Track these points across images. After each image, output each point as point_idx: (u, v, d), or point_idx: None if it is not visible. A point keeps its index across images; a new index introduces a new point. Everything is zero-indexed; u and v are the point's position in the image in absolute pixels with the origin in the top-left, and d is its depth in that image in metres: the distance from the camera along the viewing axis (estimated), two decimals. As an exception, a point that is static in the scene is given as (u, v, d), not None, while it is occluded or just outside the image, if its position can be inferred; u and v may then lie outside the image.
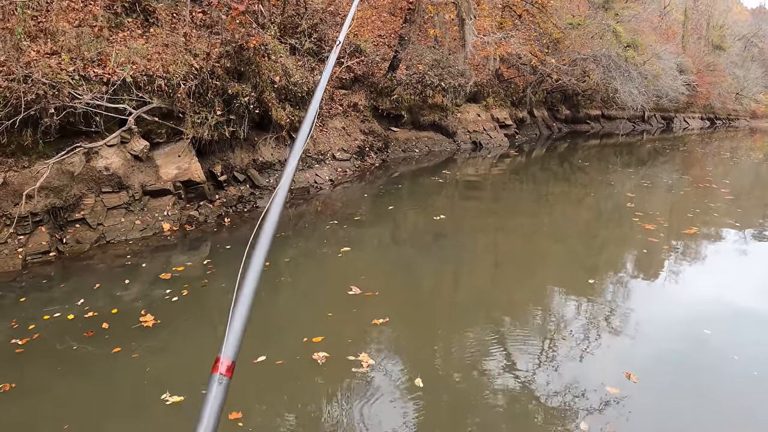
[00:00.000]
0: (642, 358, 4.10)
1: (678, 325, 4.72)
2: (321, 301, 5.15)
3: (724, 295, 5.44)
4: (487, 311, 5.07)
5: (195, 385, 3.47)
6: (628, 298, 5.46)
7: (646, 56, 23.54)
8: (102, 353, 4.02)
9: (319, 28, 12.83)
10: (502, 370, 3.91)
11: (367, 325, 4.48)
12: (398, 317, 4.70)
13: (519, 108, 22.54)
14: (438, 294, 5.72)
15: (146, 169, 7.29)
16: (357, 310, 4.80)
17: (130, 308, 4.78)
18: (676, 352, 4.21)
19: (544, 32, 20.20)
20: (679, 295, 5.65)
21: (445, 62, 15.21)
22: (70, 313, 4.74)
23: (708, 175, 14.34)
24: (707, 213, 9.24)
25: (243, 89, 7.81)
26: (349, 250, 6.54)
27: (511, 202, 10.61)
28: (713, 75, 37.16)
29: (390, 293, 5.36)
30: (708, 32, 42.25)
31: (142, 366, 3.80)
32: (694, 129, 37.04)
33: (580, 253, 7.08)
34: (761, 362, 4.02)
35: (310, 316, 4.77)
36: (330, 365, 3.83)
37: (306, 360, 3.89)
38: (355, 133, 13.34)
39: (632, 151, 20.98)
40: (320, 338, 4.17)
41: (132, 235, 6.83)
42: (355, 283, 5.29)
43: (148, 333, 4.32)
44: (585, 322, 4.76)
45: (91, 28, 7.01)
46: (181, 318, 4.64)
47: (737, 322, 4.79)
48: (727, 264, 6.60)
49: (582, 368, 3.92)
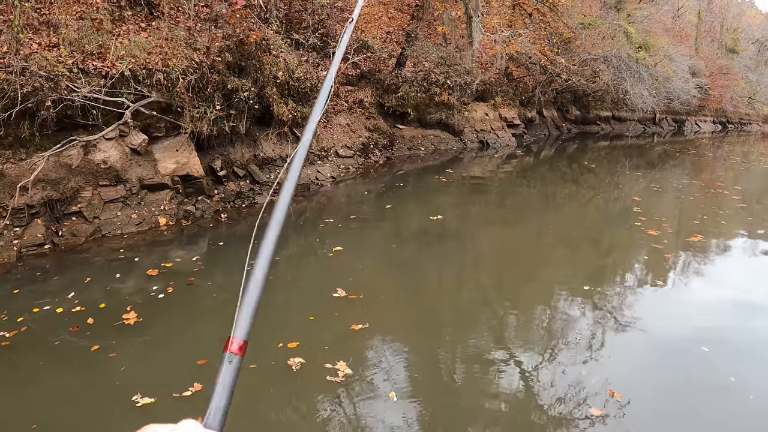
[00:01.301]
0: (630, 375, 3.89)
1: (674, 341, 4.47)
2: (304, 304, 5.02)
3: (726, 310, 5.21)
4: (472, 322, 4.85)
5: (167, 387, 3.43)
6: (624, 309, 5.20)
7: (658, 58, 23.23)
8: (82, 351, 3.98)
9: (326, 23, 12.74)
10: (481, 390, 3.70)
11: (346, 331, 4.34)
12: (378, 324, 4.54)
13: (528, 108, 22.32)
14: (424, 300, 5.48)
15: (144, 163, 7.23)
16: (339, 314, 4.67)
17: (116, 304, 4.73)
18: (669, 370, 3.98)
19: (555, 31, 19.96)
20: (677, 307, 5.39)
21: (451, 60, 15.06)
22: (60, 306, 4.73)
23: (718, 180, 14.05)
24: (715, 220, 9.00)
25: (243, 84, 7.73)
26: (342, 250, 6.44)
27: (513, 205, 10.44)
28: (726, 78, 36.67)
29: (375, 297, 5.21)
30: (721, 35, 41.71)
31: (117, 366, 3.75)
32: (706, 132, 36.58)
33: (579, 258, 6.92)
34: (758, 388, 3.74)
35: (291, 320, 4.64)
36: (304, 372, 3.72)
37: (280, 366, 3.77)
38: (359, 130, 13.23)
39: (642, 154, 20.74)
40: (296, 343, 4.03)
41: (128, 229, 6.77)
42: (342, 285, 5.17)
43: (128, 331, 4.27)
44: (574, 334, 4.55)
45: (92, 21, 6.94)
46: (162, 317, 4.58)
47: (737, 340, 4.55)
48: (731, 276, 6.34)
49: (566, 384, 3.72)
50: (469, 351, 4.25)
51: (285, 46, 8.70)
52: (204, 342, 4.17)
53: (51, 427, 3.22)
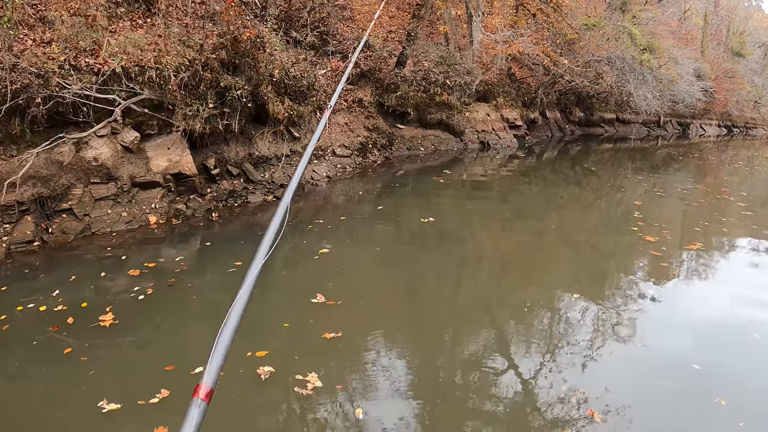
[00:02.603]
0: (615, 394, 3.69)
1: (664, 358, 4.25)
2: (281, 310, 4.84)
3: (721, 324, 4.96)
4: (452, 334, 4.65)
5: (134, 393, 3.37)
6: (609, 324, 4.91)
7: (663, 60, 23.04)
8: (55, 352, 3.93)
9: (326, 21, 12.66)
10: (453, 409, 3.55)
11: (318, 340, 4.17)
12: (352, 333, 4.37)
13: (530, 109, 22.19)
14: (405, 307, 5.27)
15: (136, 160, 7.17)
16: (314, 321, 4.53)
17: (98, 303, 4.68)
18: (656, 390, 3.76)
19: (559, 32, 19.80)
20: (668, 320, 5.08)
21: (451, 59, 14.94)
22: (44, 304, 4.70)
23: (722, 185, 13.85)
24: (717, 227, 8.73)
25: (236, 82, 7.65)
26: (328, 252, 6.33)
27: (509, 209, 10.28)
28: (731, 82, 36.39)
29: (353, 303, 5.03)
30: (728, 38, 41.41)
31: (87, 369, 3.69)
32: (711, 136, 36.33)
33: (570, 265, 6.71)
34: (749, 413, 3.55)
35: (265, 326, 4.47)
36: (272, 383, 3.60)
37: (249, 375, 3.65)
38: (358, 129, 13.15)
39: (646, 157, 20.57)
40: (265, 352, 3.88)
41: (117, 227, 6.72)
42: (323, 290, 5.03)
43: (102, 334, 4.21)
44: (554, 349, 4.35)
45: (85, 18, 6.88)
46: (138, 320, 4.51)
47: (730, 359, 4.31)
48: (728, 288, 5.98)
49: (544, 403, 3.61)
50: (445, 369, 4.08)
51: (279, 44, 8.61)
52: (174, 349, 4.11)
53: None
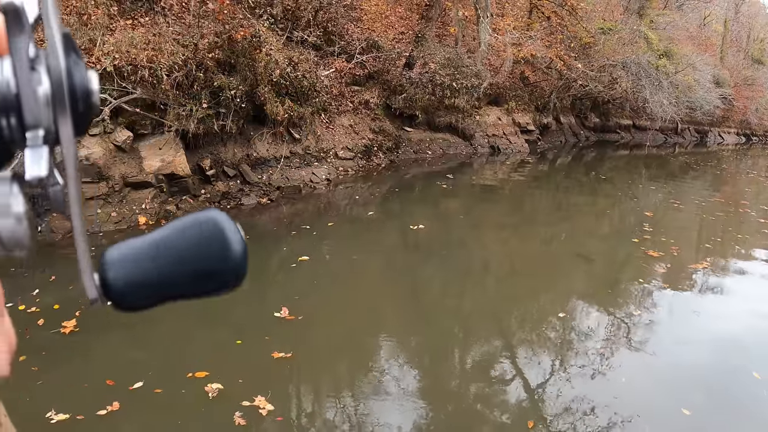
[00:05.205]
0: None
1: (651, 396, 3.80)
2: (239, 325, 4.46)
3: (719, 360, 4.41)
4: (420, 357, 4.34)
5: (83, 404, 3.25)
6: (597, 347, 4.53)
7: (681, 66, 22.50)
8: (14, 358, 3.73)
9: (335, 21, 12.47)
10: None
11: (267, 360, 3.87)
12: (305, 353, 4.09)
13: (544, 113, 21.78)
14: (370, 325, 4.87)
15: (129, 160, 7.03)
16: (269, 338, 4.24)
17: (68, 307, 4.52)
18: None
19: (573, 36, 19.41)
20: (659, 352, 4.51)
21: (458, 61, 14.63)
22: (23, 304, 4.61)
23: (741, 198, 13.22)
24: (731, 243, 8.20)
25: (230, 82, 7.47)
26: (307, 260, 6.05)
27: (508, 217, 9.98)
28: (751, 90, 35.54)
29: (317, 318, 4.74)
30: (748, 45, 40.48)
31: (36, 378, 3.54)
32: (729, 144, 35.52)
33: (563, 282, 6.34)
34: None
35: (215, 343, 4.19)
36: (216, 405, 3.35)
37: (194, 395, 3.42)
38: (363, 131, 12.92)
39: (662, 165, 20.07)
40: (205, 373, 3.59)
41: (106, 227, 6.58)
42: (289, 303, 4.74)
43: (59, 341, 4.08)
44: (536, 373, 4.06)
45: (79, 16, 6.77)
46: (97, 328, 4.34)
47: (725, 403, 3.86)
48: (733, 316, 5.35)
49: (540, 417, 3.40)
50: (414, 393, 3.77)
51: (276, 43, 8.41)
52: (127, 359, 3.96)
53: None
